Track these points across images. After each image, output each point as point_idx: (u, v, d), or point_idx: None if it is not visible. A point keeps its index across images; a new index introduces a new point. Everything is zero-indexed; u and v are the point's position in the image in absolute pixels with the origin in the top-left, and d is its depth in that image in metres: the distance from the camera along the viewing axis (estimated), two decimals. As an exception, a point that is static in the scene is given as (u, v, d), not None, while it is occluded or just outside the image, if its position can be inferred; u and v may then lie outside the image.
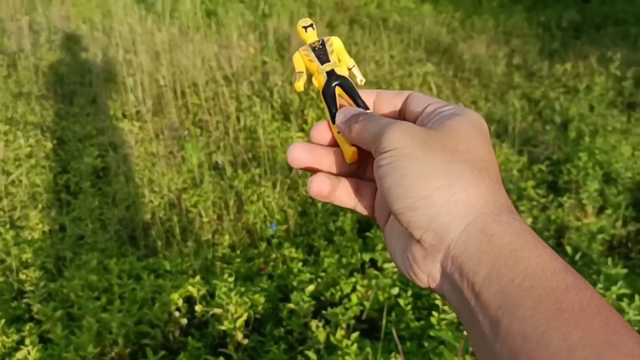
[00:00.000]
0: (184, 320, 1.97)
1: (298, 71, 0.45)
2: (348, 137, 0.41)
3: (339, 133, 0.42)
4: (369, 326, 1.92)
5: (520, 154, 3.08)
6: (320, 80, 0.44)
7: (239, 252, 2.41)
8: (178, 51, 4.35)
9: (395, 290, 1.92)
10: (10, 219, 2.61)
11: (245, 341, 1.89)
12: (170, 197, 2.80)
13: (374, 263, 2.16)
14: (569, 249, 2.25)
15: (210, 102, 3.67)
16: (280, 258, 2.24)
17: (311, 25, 0.45)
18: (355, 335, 1.72)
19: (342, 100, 0.44)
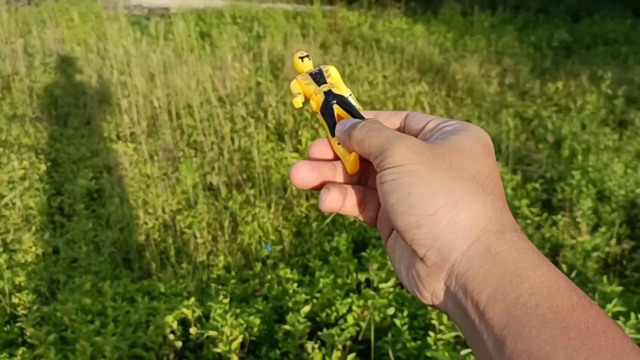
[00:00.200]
0: (179, 343, 1.95)
1: (296, 92, 0.46)
2: (348, 145, 0.40)
3: (339, 144, 0.42)
4: (365, 347, 1.91)
5: (514, 173, 3.10)
6: (317, 101, 0.44)
7: (234, 273, 2.40)
8: (172, 73, 4.37)
9: (391, 310, 1.91)
10: (3, 242, 2.59)
11: (240, 364, 1.87)
12: (164, 219, 2.79)
13: (369, 283, 2.15)
14: (564, 267, 2.26)
15: (204, 123, 3.68)
16: (275, 279, 2.23)
17: (307, 56, 0.46)
18: (351, 356, 1.71)
19: (341, 117, 0.44)
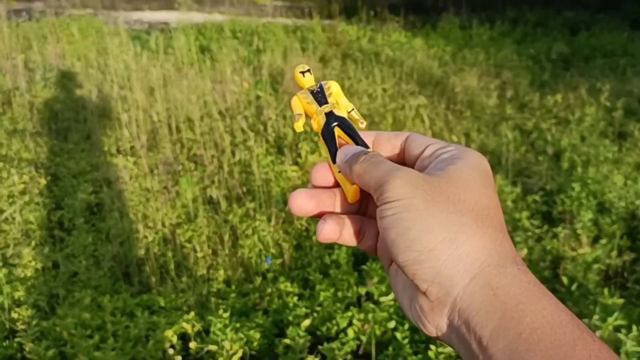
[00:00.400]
0: (179, 358, 1.93)
1: (297, 113, 0.45)
2: (349, 178, 0.41)
3: (339, 172, 0.42)
4: (366, 361, 1.90)
5: (514, 185, 3.10)
6: (319, 122, 0.44)
7: (234, 287, 2.39)
8: (172, 87, 4.39)
9: (392, 324, 1.90)
10: (3, 256, 2.59)
11: (240, 378, 1.86)
12: (164, 233, 2.79)
13: (370, 296, 2.15)
14: (565, 280, 2.25)
15: (204, 137, 3.68)
16: (275, 292, 2.22)
17: (308, 71, 0.45)
18: (352, 370, 1.70)
19: (342, 140, 0.44)
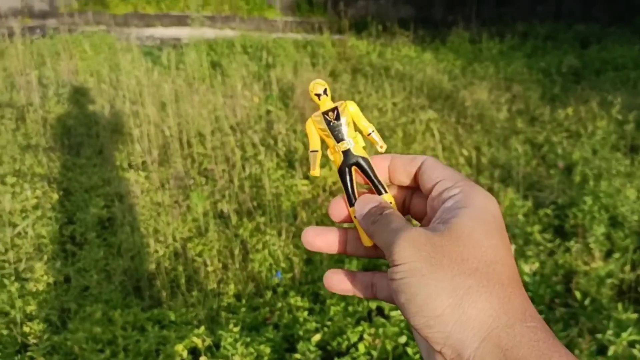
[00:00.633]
0: (189, 373, 1.93)
1: (312, 150, 0.45)
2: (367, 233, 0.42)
3: (355, 217, 0.43)
4: (377, 376, 1.88)
5: (526, 199, 3.08)
6: (336, 160, 0.44)
7: (244, 302, 2.39)
8: (184, 102, 4.42)
9: (403, 339, 1.89)
10: (15, 270, 2.60)
11: (251, 393, 1.85)
12: (175, 247, 2.80)
13: (380, 311, 2.13)
14: (578, 294, 2.23)
15: (215, 151, 3.70)
16: (286, 307, 2.21)
17: (324, 91, 0.43)
18: (363, 385, 1.69)
19: (359, 178, 0.44)
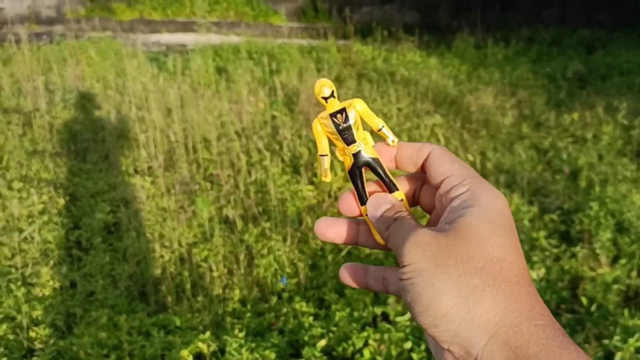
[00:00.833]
0: (194, 378, 1.93)
1: (322, 154, 0.44)
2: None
3: (367, 215, 0.43)
4: (382, 382, 1.88)
5: (531, 204, 3.07)
6: (346, 162, 0.44)
7: (249, 307, 2.39)
8: (189, 107, 4.44)
9: (408, 344, 1.88)
10: (22, 275, 2.61)
11: (256, 399, 1.85)
12: (180, 252, 2.80)
13: (386, 316, 2.13)
14: (584, 300, 2.22)
15: (221, 157, 3.71)
16: (291, 312, 2.21)
17: (332, 94, 0.42)
18: (368, 391, 1.68)
19: (369, 178, 0.44)
